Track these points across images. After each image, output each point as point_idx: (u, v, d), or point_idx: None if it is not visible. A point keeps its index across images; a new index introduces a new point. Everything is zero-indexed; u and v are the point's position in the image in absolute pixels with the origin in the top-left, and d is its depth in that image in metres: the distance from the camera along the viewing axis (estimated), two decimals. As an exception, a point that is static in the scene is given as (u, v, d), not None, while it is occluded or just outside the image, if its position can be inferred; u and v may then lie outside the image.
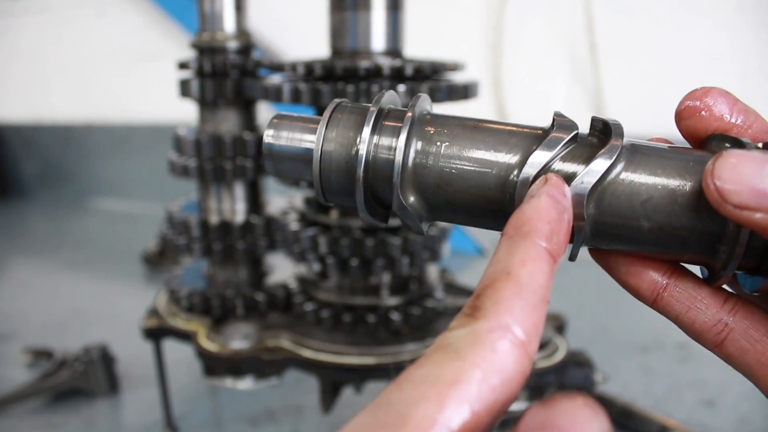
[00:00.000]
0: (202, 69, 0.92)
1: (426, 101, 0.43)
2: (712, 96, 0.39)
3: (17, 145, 2.84)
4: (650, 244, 0.38)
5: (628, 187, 0.37)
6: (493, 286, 0.30)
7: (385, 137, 0.41)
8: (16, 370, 1.25)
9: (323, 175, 0.42)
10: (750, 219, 0.32)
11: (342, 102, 0.44)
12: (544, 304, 0.30)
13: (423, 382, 0.27)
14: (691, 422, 1.02)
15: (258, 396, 1.14)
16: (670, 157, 0.37)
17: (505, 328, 0.28)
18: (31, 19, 2.65)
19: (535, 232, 0.32)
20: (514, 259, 0.31)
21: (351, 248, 0.84)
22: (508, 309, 0.29)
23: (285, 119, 0.44)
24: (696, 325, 0.39)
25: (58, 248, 2.13)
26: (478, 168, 0.39)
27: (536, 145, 0.38)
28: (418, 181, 0.41)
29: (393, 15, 0.83)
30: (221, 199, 0.99)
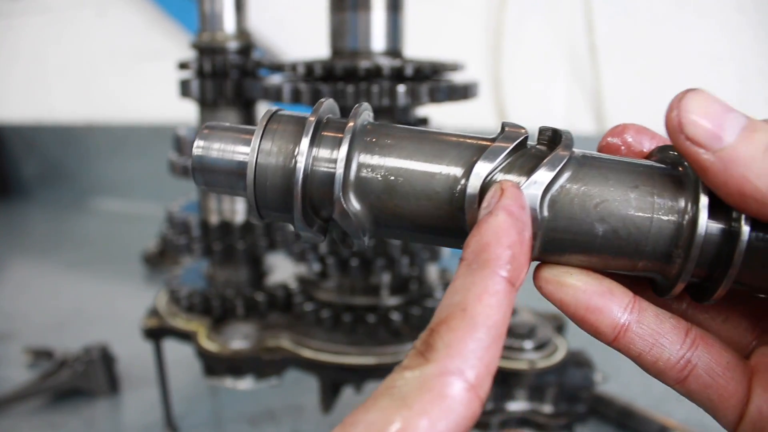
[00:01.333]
0: (202, 69, 0.92)
1: (367, 110, 0.41)
2: (629, 133, 0.40)
3: (18, 145, 2.84)
4: (604, 251, 0.36)
5: (580, 194, 0.35)
6: (447, 323, 0.29)
7: (324, 149, 0.38)
8: (16, 370, 1.25)
9: (258, 190, 0.39)
10: (697, 156, 0.32)
11: (278, 111, 0.41)
12: (500, 342, 0.30)
13: (369, 429, 0.26)
14: (690, 422, 1.02)
15: (258, 396, 1.14)
16: (620, 163, 0.37)
17: (456, 373, 0.28)
18: (31, 20, 2.65)
19: (494, 260, 0.31)
20: (470, 294, 0.30)
21: (351, 248, 0.84)
22: (460, 352, 0.28)
23: (217, 129, 0.41)
24: (659, 363, 0.37)
25: (59, 248, 2.14)
26: (420, 180, 0.37)
27: (478, 156, 0.37)
28: (361, 194, 0.38)
29: (393, 15, 0.83)
30: (221, 199, 0.99)
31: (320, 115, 0.39)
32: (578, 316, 0.36)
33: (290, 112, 0.41)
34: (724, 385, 0.36)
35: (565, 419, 0.86)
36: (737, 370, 0.36)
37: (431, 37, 1.80)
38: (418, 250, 0.88)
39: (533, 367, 0.82)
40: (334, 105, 0.42)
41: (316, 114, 0.39)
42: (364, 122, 0.40)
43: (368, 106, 0.41)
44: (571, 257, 0.37)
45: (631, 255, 0.36)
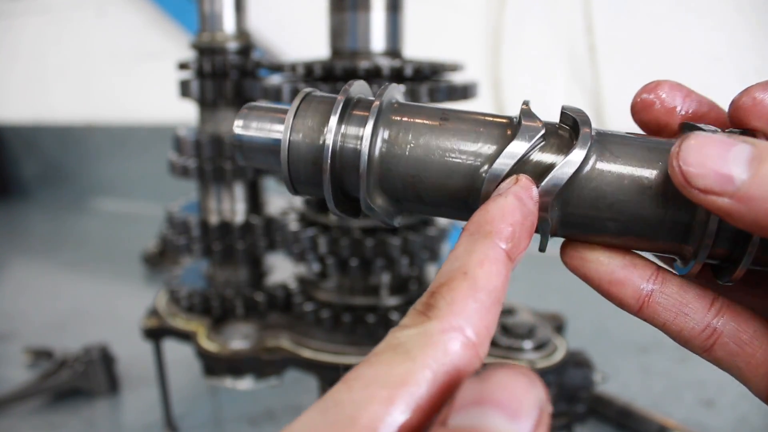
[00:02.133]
0: (202, 69, 0.92)
1: (395, 90, 0.43)
2: (663, 88, 0.39)
3: (17, 146, 2.84)
4: (622, 232, 0.37)
5: (599, 177, 0.36)
6: (448, 284, 0.30)
7: (352, 127, 0.40)
8: (16, 370, 1.25)
9: (291, 166, 0.41)
10: (715, 204, 0.32)
11: (312, 92, 0.43)
12: (498, 307, 0.30)
13: (373, 382, 0.27)
14: (690, 422, 1.02)
15: (258, 396, 1.14)
16: (638, 145, 0.37)
17: (458, 330, 0.28)
18: (31, 20, 2.65)
19: (496, 233, 0.32)
20: (472, 259, 0.31)
21: (351, 248, 0.84)
22: (462, 310, 0.29)
23: (254, 110, 0.43)
24: (684, 332, 0.38)
25: (59, 248, 2.14)
26: (447, 158, 0.39)
27: (509, 136, 0.38)
28: (386, 171, 0.40)
29: (392, 16, 0.83)
30: (221, 200, 0.99)
31: (350, 94, 0.41)
32: (603, 289, 0.38)
33: (322, 93, 0.43)
34: (752, 353, 0.37)
35: (565, 419, 0.86)
36: (765, 338, 0.37)
37: (431, 37, 1.80)
38: (418, 250, 0.88)
39: (533, 368, 0.82)
40: (365, 86, 0.44)
41: (345, 93, 0.41)
42: (391, 101, 0.42)
43: (396, 86, 0.43)
44: (593, 237, 0.38)
45: (650, 235, 0.37)
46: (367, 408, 0.26)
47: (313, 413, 0.26)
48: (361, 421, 0.25)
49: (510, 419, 0.23)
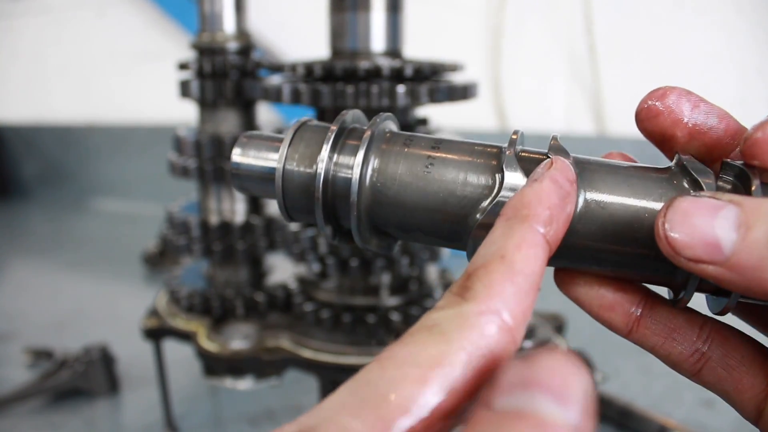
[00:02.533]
0: (202, 70, 0.92)
1: (389, 120, 0.43)
2: (671, 96, 0.38)
3: (18, 146, 2.84)
4: (608, 267, 0.37)
5: (586, 212, 0.36)
6: (485, 267, 0.29)
7: (344, 156, 0.41)
8: (16, 370, 1.25)
9: (286, 194, 0.42)
10: (705, 271, 0.31)
11: (307, 121, 0.44)
12: (536, 291, 0.30)
13: (406, 362, 0.26)
14: (690, 422, 1.02)
15: (258, 396, 1.14)
16: (622, 178, 0.37)
17: (495, 313, 0.28)
18: (31, 21, 2.65)
19: (533, 217, 0.31)
20: (510, 243, 0.30)
21: (350, 248, 0.84)
22: (500, 293, 0.28)
23: (253, 138, 0.44)
24: (672, 356, 0.38)
25: (59, 248, 2.14)
26: (437, 188, 0.39)
27: (500, 165, 0.38)
28: (376, 201, 0.40)
29: (392, 16, 0.83)
30: (221, 200, 0.99)
31: (344, 124, 0.42)
32: (593, 313, 0.38)
33: (318, 122, 0.44)
34: (739, 378, 0.37)
35: (565, 419, 0.86)
36: (754, 364, 0.37)
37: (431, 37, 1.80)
38: (418, 250, 0.88)
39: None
40: (361, 115, 0.45)
41: (339, 123, 0.41)
42: (384, 130, 0.42)
43: (391, 115, 0.43)
44: (581, 268, 0.38)
45: (638, 270, 0.37)
46: (400, 387, 0.25)
47: (344, 392, 0.26)
48: (392, 400, 0.25)
49: (560, 404, 0.22)
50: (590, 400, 0.23)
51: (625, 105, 1.77)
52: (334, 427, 0.24)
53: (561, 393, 0.22)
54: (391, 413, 0.25)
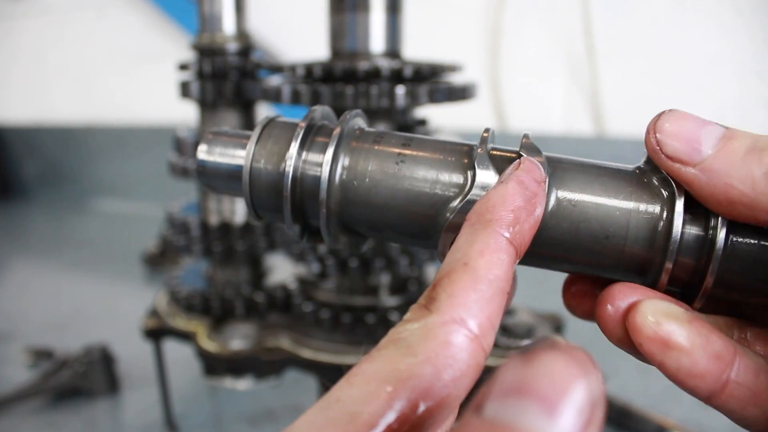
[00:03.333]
0: (202, 70, 0.92)
1: (358, 117, 0.42)
2: None
3: (18, 146, 2.84)
4: (581, 265, 0.38)
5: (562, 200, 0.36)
6: (449, 276, 0.29)
7: (313, 153, 0.40)
8: (16, 370, 1.25)
9: (253, 192, 0.41)
10: (679, 172, 0.33)
11: (275, 118, 0.43)
12: (502, 296, 0.29)
13: (373, 378, 0.26)
14: (688, 422, 1.02)
15: (257, 396, 1.14)
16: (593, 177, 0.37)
17: (459, 322, 0.28)
18: (32, 22, 2.66)
19: (497, 221, 0.31)
20: (473, 249, 0.30)
21: (350, 248, 0.84)
22: (463, 302, 0.28)
23: (219, 135, 0.43)
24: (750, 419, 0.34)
25: (59, 249, 2.14)
26: (407, 187, 0.38)
27: (468, 164, 0.37)
28: (345, 199, 0.39)
29: (392, 17, 0.83)
30: (221, 200, 0.99)
31: (312, 121, 0.41)
32: (677, 380, 0.33)
33: (286, 119, 0.42)
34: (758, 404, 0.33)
35: (564, 419, 0.86)
36: None
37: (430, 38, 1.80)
38: (418, 250, 0.88)
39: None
40: (330, 112, 0.44)
41: (307, 120, 0.40)
42: (354, 128, 0.41)
43: (360, 112, 0.43)
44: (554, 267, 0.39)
45: (610, 267, 0.37)
46: (368, 404, 0.25)
47: (314, 411, 0.26)
48: (361, 417, 0.25)
49: (551, 416, 0.20)
50: (596, 409, 0.21)
51: (623, 106, 1.78)
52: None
53: (555, 403, 0.20)
54: (360, 431, 0.25)
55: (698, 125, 0.33)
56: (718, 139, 0.33)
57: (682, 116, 0.34)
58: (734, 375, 0.33)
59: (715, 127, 0.33)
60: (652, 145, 0.34)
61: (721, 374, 0.32)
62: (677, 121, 0.33)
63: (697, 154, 0.32)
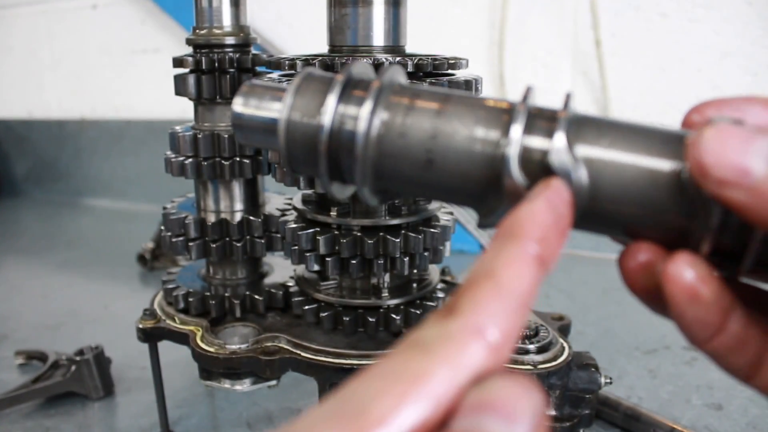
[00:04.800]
0: (198, 65, 0.91)
1: (398, 72, 0.42)
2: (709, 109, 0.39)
3: (9, 142, 2.81)
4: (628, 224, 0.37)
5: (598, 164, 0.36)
6: (473, 286, 0.30)
7: (351, 107, 0.40)
8: (8, 373, 1.24)
9: (289, 145, 0.41)
10: (729, 197, 0.31)
11: (312, 71, 0.43)
12: (524, 311, 0.30)
13: (387, 376, 0.27)
14: (698, 426, 1.01)
15: (256, 398, 1.13)
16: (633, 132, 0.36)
17: (479, 329, 0.28)
18: (23, 11, 2.63)
19: (525, 235, 0.31)
20: (499, 261, 0.30)
21: (351, 248, 0.83)
22: (485, 310, 0.29)
23: (255, 88, 0.43)
24: (734, 366, 0.38)
25: (52, 248, 2.12)
26: (451, 142, 0.38)
27: (507, 121, 0.38)
28: (382, 154, 0.39)
29: (394, 10, 0.81)
30: (219, 198, 0.98)
31: (350, 74, 0.40)
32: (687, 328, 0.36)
33: (323, 72, 0.42)
34: (743, 353, 0.37)
35: (570, 422, 0.85)
36: None
37: (433, 32, 1.78)
38: (419, 249, 0.86)
39: (537, 369, 0.81)
40: (368, 67, 0.43)
41: (345, 73, 0.40)
42: (392, 82, 0.41)
43: (399, 68, 0.42)
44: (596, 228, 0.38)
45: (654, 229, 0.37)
46: (379, 400, 0.26)
47: (326, 404, 0.27)
48: (371, 413, 0.25)
49: (507, 423, 0.25)
50: (541, 419, 0.26)
51: (631, 100, 1.76)
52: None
53: (508, 413, 0.25)
54: (368, 425, 0.25)
55: (744, 143, 0.31)
56: (765, 160, 0.31)
57: (724, 135, 0.32)
58: (729, 325, 0.36)
59: (762, 143, 0.31)
60: (696, 170, 0.32)
61: (720, 323, 0.36)
62: (720, 142, 0.32)
63: (747, 177, 0.31)
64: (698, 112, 0.39)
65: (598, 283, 1.55)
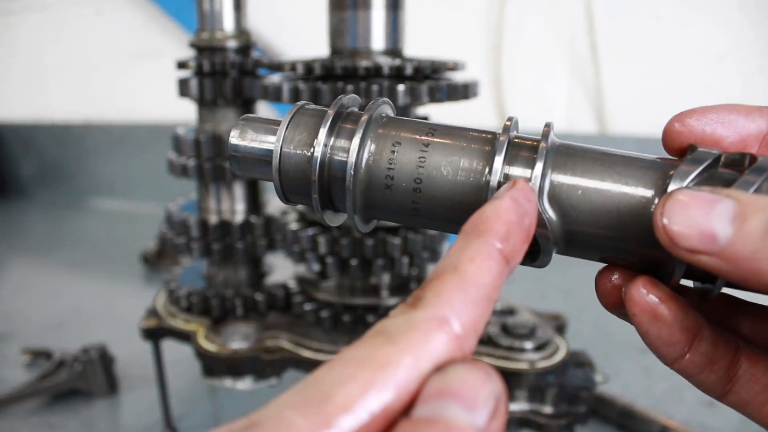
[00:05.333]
0: (201, 68, 0.92)
1: (385, 105, 0.44)
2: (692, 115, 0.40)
3: (16, 145, 2.83)
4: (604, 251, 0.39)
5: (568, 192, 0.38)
6: (438, 278, 0.31)
7: (341, 139, 0.42)
8: (14, 371, 1.25)
9: (282, 176, 0.43)
10: (701, 261, 0.32)
11: (305, 104, 0.45)
12: (488, 303, 0.31)
13: (353, 363, 0.27)
14: (691, 423, 1.02)
15: (257, 396, 1.13)
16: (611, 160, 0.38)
17: (442, 320, 0.29)
18: (29, 17, 2.64)
19: (490, 231, 0.32)
20: (464, 255, 0.31)
21: (351, 248, 0.83)
22: (448, 301, 0.29)
23: (250, 121, 0.45)
24: (706, 383, 0.39)
25: (57, 248, 2.13)
26: (439, 173, 0.40)
27: (490, 152, 0.39)
28: (371, 185, 0.41)
29: (393, 14, 0.82)
30: (220, 199, 0.98)
31: (340, 108, 0.43)
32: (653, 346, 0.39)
33: (315, 106, 0.44)
34: (763, 403, 0.38)
35: (566, 420, 0.86)
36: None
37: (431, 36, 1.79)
38: (418, 250, 0.87)
39: (534, 368, 0.82)
40: (357, 99, 0.45)
41: (336, 107, 0.42)
42: (381, 114, 0.43)
43: (387, 101, 0.44)
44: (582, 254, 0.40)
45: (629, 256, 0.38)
46: (344, 387, 0.26)
47: (293, 390, 0.27)
48: (336, 399, 0.26)
49: (467, 409, 0.26)
50: (501, 404, 0.27)
51: (626, 103, 1.77)
52: (278, 422, 0.26)
53: (469, 399, 0.26)
54: (333, 411, 0.26)
55: (708, 209, 0.32)
56: (730, 220, 0.31)
57: (687, 203, 0.32)
58: (696, 344, 0.38)
59: (723, 206, 0.32)
60: (665, 240, 0.33)
61: (687, 343, 0.38)
62: (684, 210, 0.32)
63: (715, 244, 0.31)
64: (679, 121, 0.40)
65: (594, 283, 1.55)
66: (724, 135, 0.39)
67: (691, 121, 0.39)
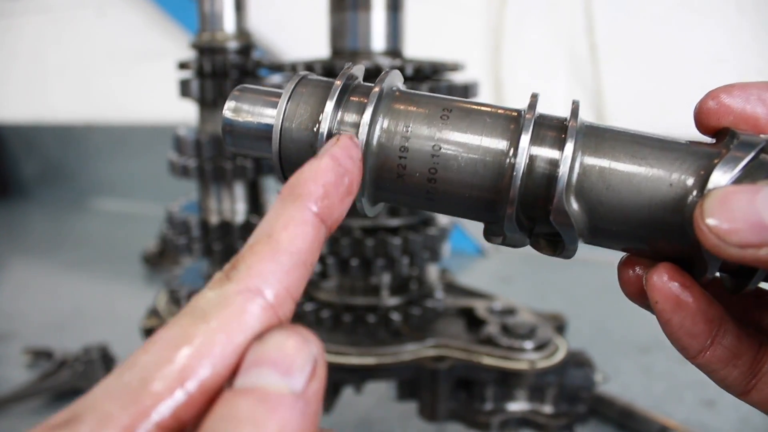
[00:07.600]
0: (202, 69, 0.92)
1: (396, 77, 0.40)
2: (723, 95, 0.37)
3: (17, 146, 2.84)
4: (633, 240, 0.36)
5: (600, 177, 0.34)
6: (252, 248, 0.30)
7: (349, 113, 0.38)
8: (15, 370, 1.25)
9: (283, 153, 0.39)
10: (756, 257, 0.29)
11: (307, 75, 0.40)
12: (303, 269, 0.31)
13: (166, 344, 0.27)
14: (691, 422, 1.02)
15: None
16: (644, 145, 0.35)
17: (254, 291, 0.29)
18: (31, 19, 2.65)
19: (306, 195, 0.32)
20: (278, 222, 0.31)
21: (351, 248, 0.84)
22: (260, 272, 0.29)
23: (247, 92, 0.40)
24: (728, 379, 0.37)
25: (58, 248, 2.13)
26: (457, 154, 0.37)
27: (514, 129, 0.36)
28: (383, 165, 0.38)
29: (393, 15, 0.83)
30: (221, 199, 0.99)
31: (347, 79, 0.39)
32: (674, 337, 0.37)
33: (318, 77, 0.40)
34: (737, 365, 0.36)
35: (566, 420, 0.86)
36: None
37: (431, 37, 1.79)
38: (419, 250, 0.87)
39: (533, 368, 0.82)
40: (364, 71, 0.42)
41: (343, 78, 0.38)
42: (392, 87, 0.39)
43: (398, 72, 0.40)
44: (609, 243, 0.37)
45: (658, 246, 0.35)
46: (160, 369, 0.26)
47: (112, 377, 0.27)
48: (154, 382, 0.26)
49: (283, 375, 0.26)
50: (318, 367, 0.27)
51: (626, 104, 1.77)
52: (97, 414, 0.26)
53: (284, 365, 0.26)
54: (151, 398, 0.26)
55: (751, 197, 0.29)
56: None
57: (726, 197, 0.30)
58: (720, 337, 0.36)
59: (766, 194, 0.29)
60: (713, 242, 0.30)
61: (710, 335, 0.36)
62: (726, 205, 0.30)
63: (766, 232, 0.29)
64: (714, 98, 0.37)
65: (593, 283, 1.56)
66: (761, 114, 0.36)
67: (726, 97, 0.36)
